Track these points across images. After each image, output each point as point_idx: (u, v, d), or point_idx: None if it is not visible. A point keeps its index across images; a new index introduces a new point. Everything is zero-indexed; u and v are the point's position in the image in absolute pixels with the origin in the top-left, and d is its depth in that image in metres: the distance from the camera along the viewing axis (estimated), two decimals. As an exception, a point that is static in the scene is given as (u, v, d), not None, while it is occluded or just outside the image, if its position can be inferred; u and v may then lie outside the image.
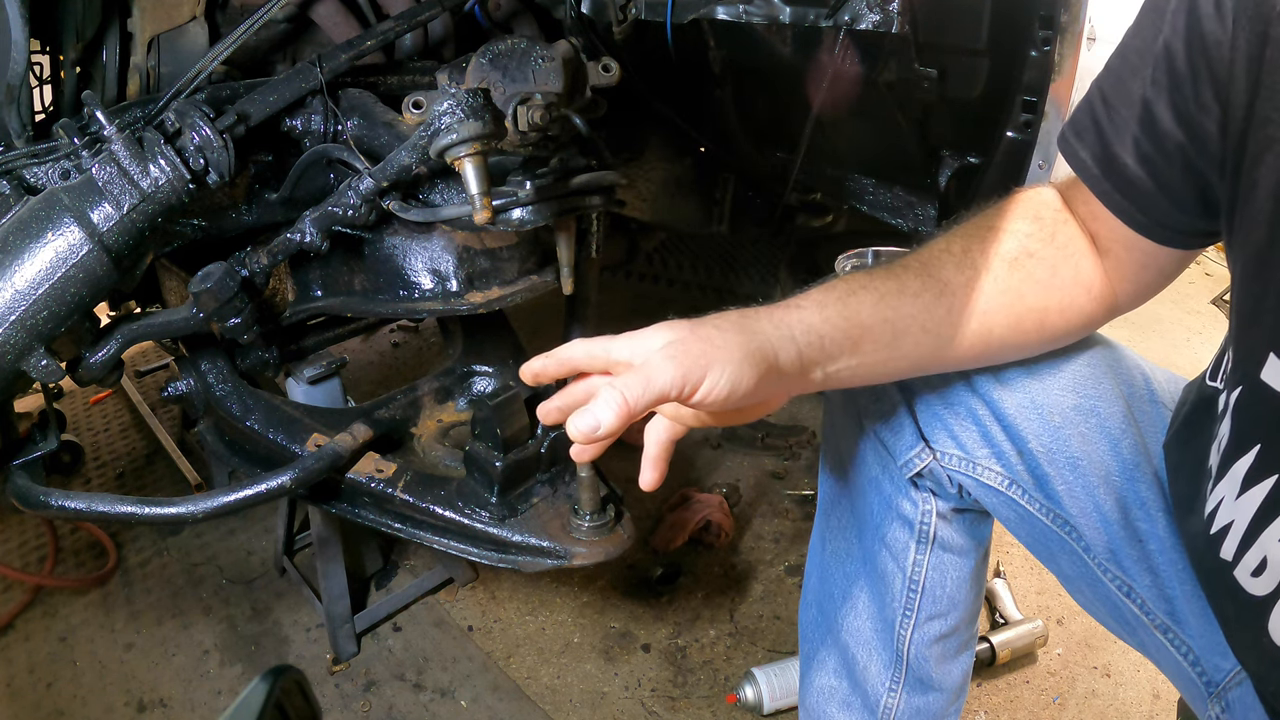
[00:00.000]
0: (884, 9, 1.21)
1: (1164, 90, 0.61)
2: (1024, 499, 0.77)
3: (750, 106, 1.76)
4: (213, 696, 1.46)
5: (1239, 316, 0.60)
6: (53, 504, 1.02)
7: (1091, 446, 0.73)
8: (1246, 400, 0.58)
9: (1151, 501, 0.72)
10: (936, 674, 0.89)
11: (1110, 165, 0.66)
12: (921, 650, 0.87)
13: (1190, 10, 0.57)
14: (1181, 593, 0.71)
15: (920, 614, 0.86)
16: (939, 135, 1.44)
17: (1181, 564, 0.71)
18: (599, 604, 1.62)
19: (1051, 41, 1.10)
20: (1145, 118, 0.62)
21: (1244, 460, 0.58)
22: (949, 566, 0.85)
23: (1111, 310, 0.73)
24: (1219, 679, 0.70)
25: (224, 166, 1.00)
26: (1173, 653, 0.73)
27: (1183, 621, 0.71)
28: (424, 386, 1.31)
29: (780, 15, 1.34)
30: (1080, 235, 0.71)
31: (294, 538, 1.66)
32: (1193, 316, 2.52)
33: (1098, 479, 0.73)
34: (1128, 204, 0.66)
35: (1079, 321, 0.72)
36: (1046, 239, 0.70)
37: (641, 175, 1.79)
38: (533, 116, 1.07)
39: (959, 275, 0.69)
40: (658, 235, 2.15)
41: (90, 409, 2.28)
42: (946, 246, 0.70)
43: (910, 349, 0.69)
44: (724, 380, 0.60)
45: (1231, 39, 0.55)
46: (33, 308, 0.91)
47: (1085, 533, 0.74)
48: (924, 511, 0.83)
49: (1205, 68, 0.57)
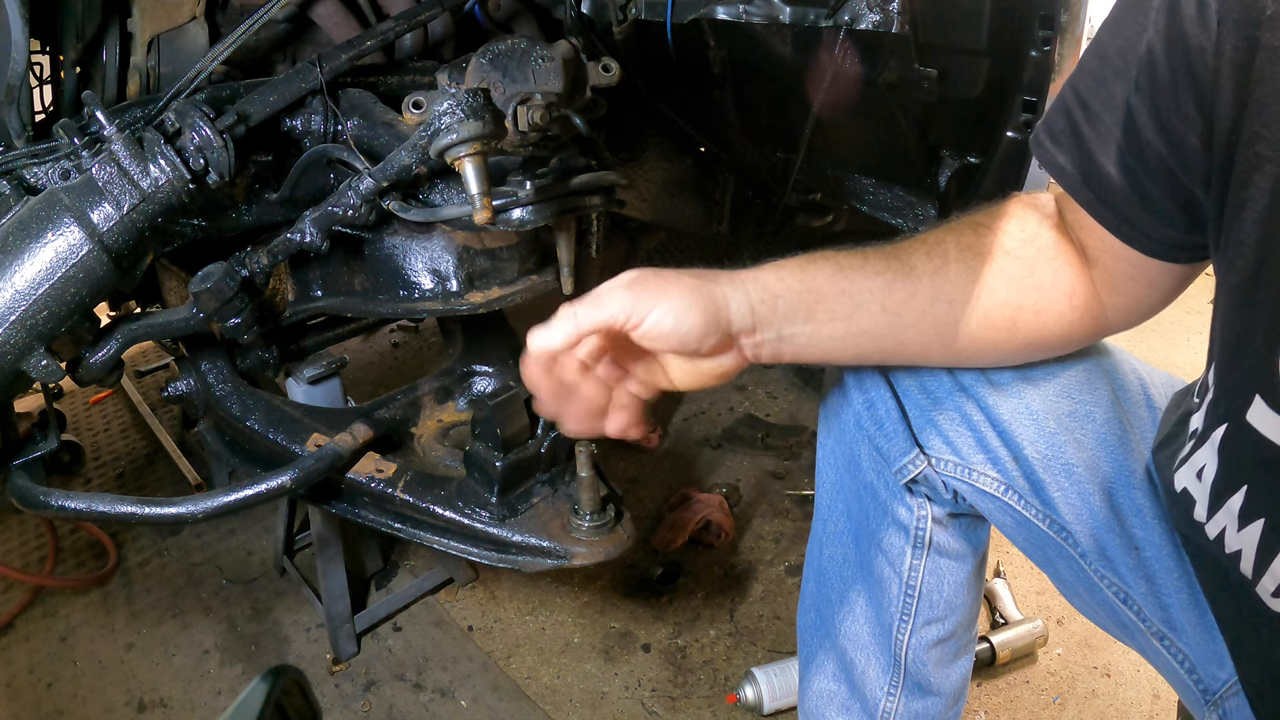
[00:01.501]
0: (884, 9, 1.21)
1: (1146, 96, 0.56)
2: (1020, 504, 0.76)
3: (750, 106, 1.76)
4: (213, 696, 1.46)
5: (1222, 348, 0.58)
6: (53, 504, 1.02)
7: (1086, 453, 0.73)
8: (1233, 438, 0.57)
9: (1147, 508, 0.72)
10: (935, 678, 0.89)
11: (1092, 173, 0.63)
12: (919, 654, 0.87)
13: (1171, 9, 0.53)
14: (1178, 600, 0.71)
15: (918, 619, 0.86)
16: (939, 135, 1.44)
17: (1178, 571, 0.70)
18: (599, 604, 1.62)
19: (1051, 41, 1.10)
20: (1128, 125, 0.58)
21: (1236, 498, 0.57)
22: (946, 571, 0.85)
23: (1099, 322, 0.71)
24: (1215, 688, 0.70)
25: (224, 166, 1.00)
26: (1169, 659, 0.72)
27: (1179, 629, 0.71)
28: (424, 386, 1.31)
29: (780, 15, 1.34)
30: (1064, 241, 0.70)
31: (294, 538, 1.66)
32: (1193, 316, 2.52)
33: (1092, 485, 0.73)
34: (1110, 213, 0.63)
35: (1058, 329, 0.70)
36: (1027, 240, 0.69)
37: (641, 175, 1.79)
38: (533, 116, 1.07)
39: (927, 262, 0.69)
40: (658, 235, 2.15)
41: (90, 409, 2.28)
42: (922, 237, 0.71)
43: (869, 325, 0.69)
44: (669, 314, 0.64)
45: (1216, 45, 0.50)
46: (33, 308, 0.91)
47: (1080, 539, 0.74)
48: (919, 517, 0.83)
49: (1186, 75, 0.52)
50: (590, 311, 0.63)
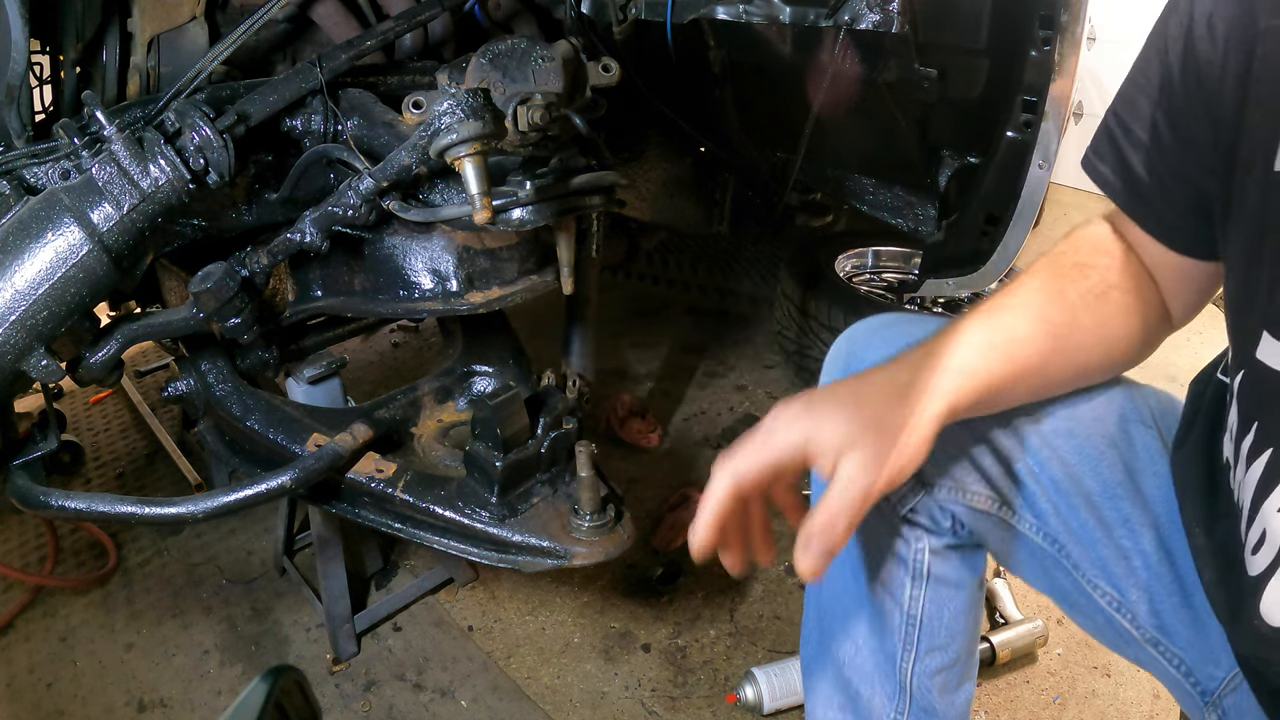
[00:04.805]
0: (884, 9, 1.21)
1: (1165, 107, 0.66)
2: (1014, 520, 0.79)
3: (750, 106, 1.76)
4: (213, 696, 1.46)
5: (1234, 307, 0.63)
6: (53, 504, 1.02)
7: (1070, 469, 0.75)
8: (1246, 380, 0.61)
9: (1135, 518, 0.74)
10: (940, 704, 0.89)
11: (1129, 180, 0.71)
12: (924, 681, 0.88)
13: (1187, 34, 0.62)
14: (1169, 605, 0.72)
15: (920, 646, 0.87)
16: (939, 135, 1.44)
17: (1169, 577, 0.72)
18: (599, 604, 1.62)
19: (1051, 41, 1.10)
20: (1154, 133, 0.67)
21: (1247, 439, 0.60)
22: (946, 600, 0.86)
23: (1169, 326, 0.77)
24: (1213, 687, 0.71)
25: (224, 166, 1.00)
26: (1165, 665, 0.74)
27: (1172, 634, 0.72)
28: (424, 386, 1.31)
29: (780, 15, 1.34)
30: (1140, 260, 0.75)
31: (294, 538, 1.66)
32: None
33: (1079, 499, 0.75)
34: (1145, 211, 0.70)
35: (1150, 341, 0.76)
36: (1121, 269, 0.73)
37: (641, 175, 1.79)
38: (533, 116, 1.07)
39: (1061, 315, 0.71)
40: (658, 235, 2.15)
41: (90, 409, 2.28)
42: (1041, 285, 0.72)
43: (1022, 395, 0.72)
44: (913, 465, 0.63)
45: (1223, 59, 0.59)
46: (33, 308, 0.91)
47: (1072, 551, 0.76)
48: (917, 550, 0.84)
49: (1198, 85, 0.62)
50: (853, 495, 0.60)
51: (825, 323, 2.03)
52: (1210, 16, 0.61)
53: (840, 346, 0.87)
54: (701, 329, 2.66)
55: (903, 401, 0.63)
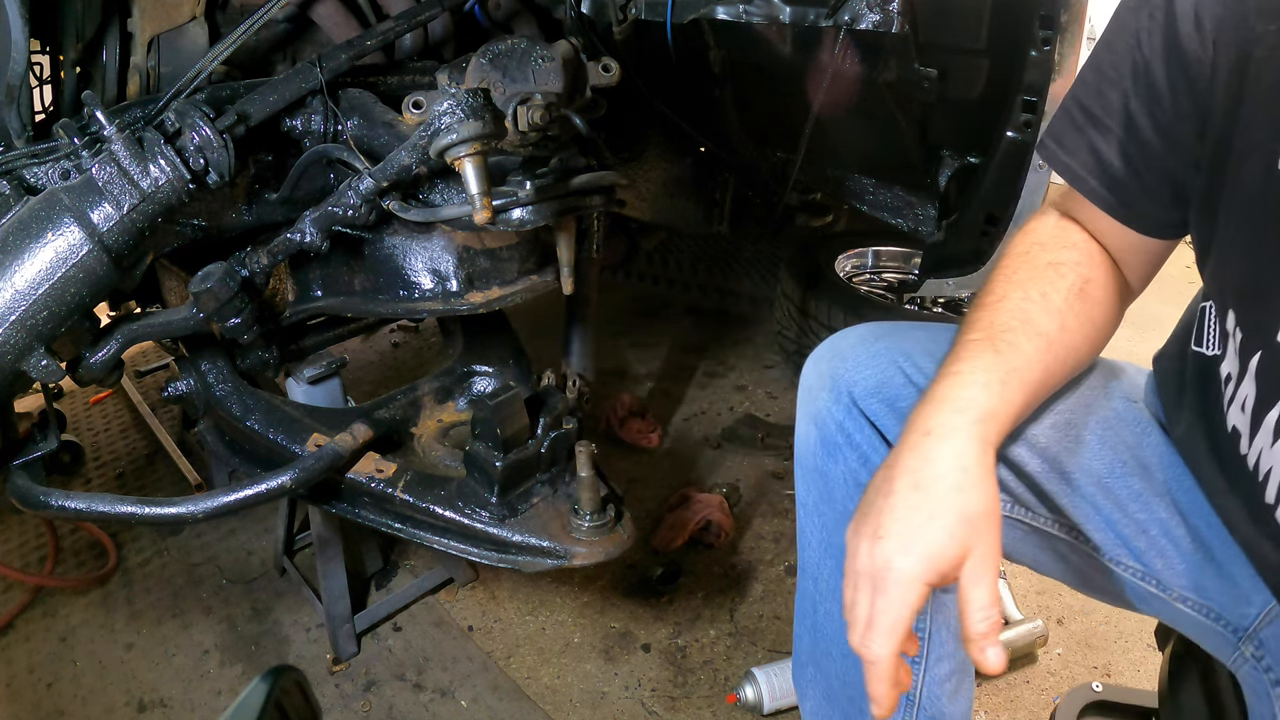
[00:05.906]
0: (884, 9, 1.21)
1: (1144, 101, 0.68)
2: (1028, 517, 0.79)
3: (750, 106, 1.76)
4: (213, 696, 1.46)
5: (1238, 295, 0.66)
6: (53, 504, 1.02)
7: (1075, 458, 0.76)
8: (1267, 360, 0.64)
9: (1145, 491, 0.76)
10: (949, 709, 0.89)
11: (1098, 169, 0.73)
12: (934, 690, 0.88)
13: (1167, 30, 0.64)
14: (1194, 563, 0.74)
15: (930, 657, 0.86)
16: (939, 135, 1.44)
17: (1188, 539, 0.75)
18: (599, 604, 1.62)
19: (1052, 41, 1.10)
20: (1129, 125, 0.69)
21: (1273, 413, 0.64)
22: (950, 607, 0.85)
23: (1131, 297, 0.80)
24: (1246, 624, 0.73)
25: (224, 166, 1.00)
26: (1195, 616, 0.76)
27: (1201, 588, 0.75)
28: (424, 386, 1.31)
29: (780, 15, 1.34)
30: (1100, 244, 0.77)
31: (294, 538, 1.66)
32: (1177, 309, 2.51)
33: (1091, 485, 0.76)
34: (1116, 202, 0.73)
35: (1120, 317, 0.79)
36: (1089, 260, 0.75)
37: (641, 175, 1.79)
38: (533, 116, 1.07)
39: (1052, 323, 0.72)
40: (658, 235, 2.15)
41: (90, 409, 2.28)
42: (1025, 295, 0.73)
43: (1031, 410, 0.73)
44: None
45: (1212, 58, 0.61)
46: (33, 308, 0.91)
47: (1092, 535, 0.77)
48: None
49: (1184, 82, 0.64)
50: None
51: (825, 323, 2.03)
52: (1196, 14, 0.61)
53: (823, 366, 0.84)
54: (701, 329, 2.67)
55: (966, 477, 0.63)
